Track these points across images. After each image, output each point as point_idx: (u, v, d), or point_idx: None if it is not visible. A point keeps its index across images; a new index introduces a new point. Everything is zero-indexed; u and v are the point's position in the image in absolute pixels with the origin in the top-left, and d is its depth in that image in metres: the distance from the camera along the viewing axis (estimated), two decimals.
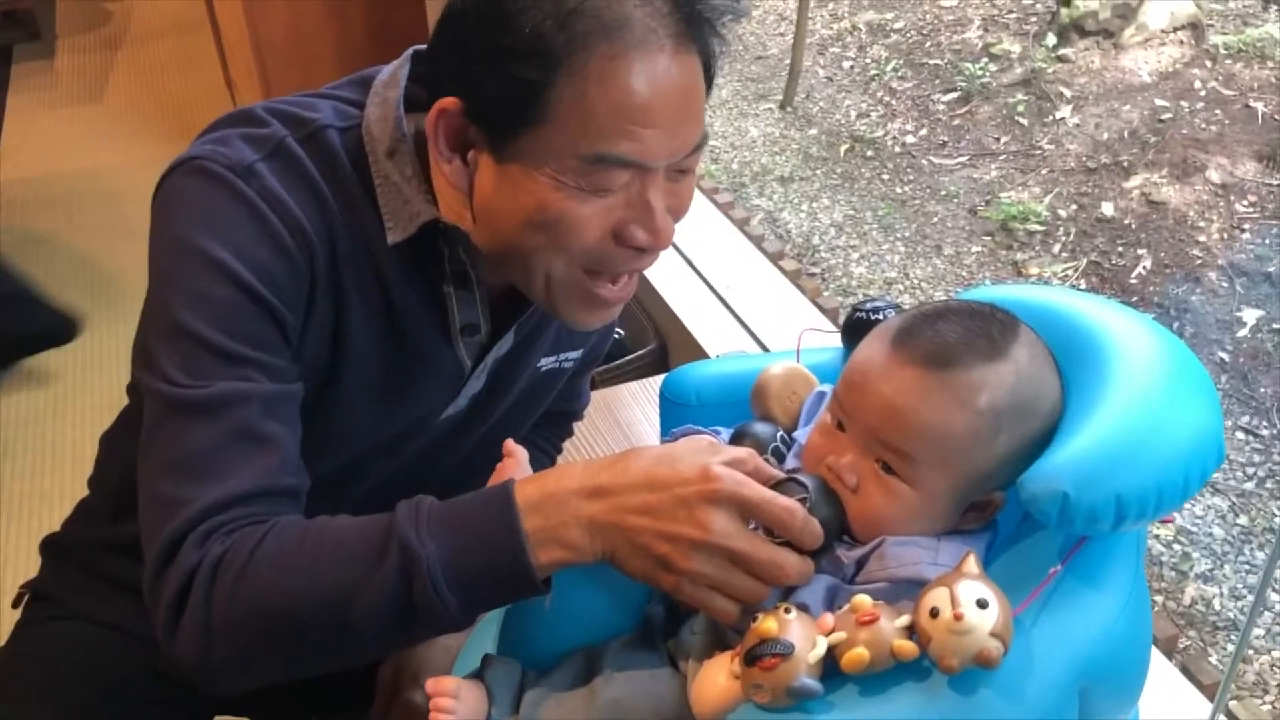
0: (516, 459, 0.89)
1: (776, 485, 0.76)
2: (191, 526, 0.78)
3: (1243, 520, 2.38)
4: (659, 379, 1.64)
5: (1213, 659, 2.08)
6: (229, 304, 0.82)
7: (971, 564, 0.68)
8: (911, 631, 0.66)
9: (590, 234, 0.84)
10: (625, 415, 1.57)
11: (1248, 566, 2.27)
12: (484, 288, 0.94)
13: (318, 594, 0.75)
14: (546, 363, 1.09)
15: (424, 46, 0.92)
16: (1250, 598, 2.20)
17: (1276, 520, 2.36)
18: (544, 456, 1.24)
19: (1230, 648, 2.07)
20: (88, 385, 2.68)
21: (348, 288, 0.89)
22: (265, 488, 0.81)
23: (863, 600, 0.69)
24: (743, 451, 0.77)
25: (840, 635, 0.67)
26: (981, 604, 0.65)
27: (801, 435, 0.87)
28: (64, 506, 1.17)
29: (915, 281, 3.32)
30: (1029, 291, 0.87)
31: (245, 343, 0.83)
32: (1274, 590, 2.21)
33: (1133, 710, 0.77)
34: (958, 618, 0.64)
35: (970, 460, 0.76)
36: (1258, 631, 2.11)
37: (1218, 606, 2.20)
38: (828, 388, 0.91)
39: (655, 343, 2.01)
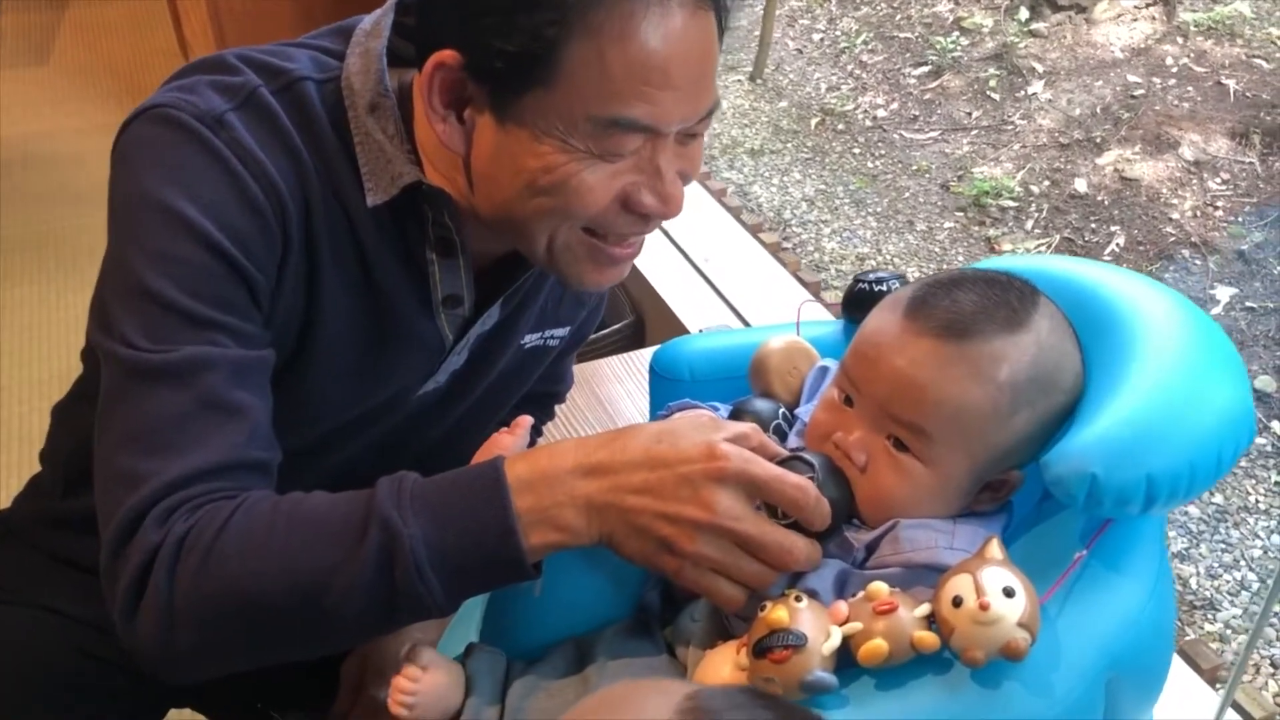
0: (516, 433, 0.83)
1: (780, 464, 0.71)
2: (153, 502, 0.72)
3: (1218, 499, 2.39)
4: (640, 354, 1.61)
5: (1189, 636, 2.08)
6: (195, 264, 0.77)
7: (995, 549, 0.65)
8: (932, 621, 0.63)
9: (598, 200, 0.79)
10: (606, 391, 1.52)
11: (1223, 545, 2.28)
12: (469, 256, 0.88)
13: (290, 576, 0.70)
14: (531, 339, 1.04)
15: None
16: (1226, 576, 2.20)
17: (1251, 499, 2.37)
18: None
19: (1208, 627, 2.07)
20: (37, 357, 2.58)
21: (322, 250, 0.84)
22: (233, 461, 0.75)
23: (879, 588, 0.65)
24: (746, 426, 0.73)
25: (856, 625, 0.63)
26: (1008, 592, 0.61)
27: (804, 412, 0.83)
28: (10, 485, 1.10)
29: (888, 257, 3.29)
30: (1045, 261, 0.84)
31: (212, 305, 0.77)
32: (1249, 569, 2.21)
33: (1155, 703, 0.74)
34: (983, 607, 0.60)
35: (988, 436, 0.72)
36: (1236, 611, 2.12)
37: (1194, 586, 2.20)
38: (830, 363, 0.87)
39: (632, 316, 1.96)
